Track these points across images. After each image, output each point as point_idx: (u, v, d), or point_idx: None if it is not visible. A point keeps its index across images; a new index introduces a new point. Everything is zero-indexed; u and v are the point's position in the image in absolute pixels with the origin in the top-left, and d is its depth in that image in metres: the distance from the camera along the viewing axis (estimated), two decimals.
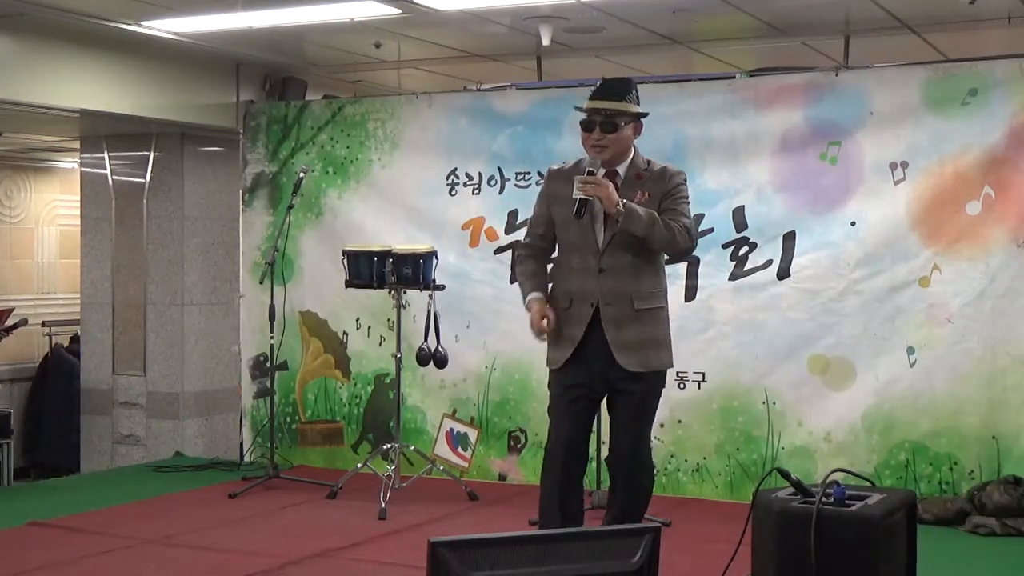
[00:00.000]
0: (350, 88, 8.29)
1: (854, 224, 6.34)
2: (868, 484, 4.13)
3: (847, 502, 3.76)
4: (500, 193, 7.13)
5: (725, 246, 6.60)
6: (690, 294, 6.62)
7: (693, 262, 6.55)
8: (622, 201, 4.38)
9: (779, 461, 6.33)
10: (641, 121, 4.58)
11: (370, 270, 6.46)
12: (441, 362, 6.54)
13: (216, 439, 8.23)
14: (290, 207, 6.98)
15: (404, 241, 6.88)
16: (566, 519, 4.50)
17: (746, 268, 6.56)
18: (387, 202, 7.41)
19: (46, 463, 9.63)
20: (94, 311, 8.43)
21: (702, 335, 6.60)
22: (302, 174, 7.05)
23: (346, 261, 6.58)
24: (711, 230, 6.60)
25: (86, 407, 8.45)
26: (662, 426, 6.53)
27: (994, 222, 6.07)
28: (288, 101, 7.83)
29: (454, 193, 7.26)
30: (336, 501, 6.52)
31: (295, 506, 6.44)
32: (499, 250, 7.07)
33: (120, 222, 8.33)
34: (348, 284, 6.60)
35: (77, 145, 8.83)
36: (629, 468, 4.56)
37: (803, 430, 6.44)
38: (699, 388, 6.62)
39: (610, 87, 4.55)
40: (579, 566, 2.87)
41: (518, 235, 6.73)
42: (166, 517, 6.19)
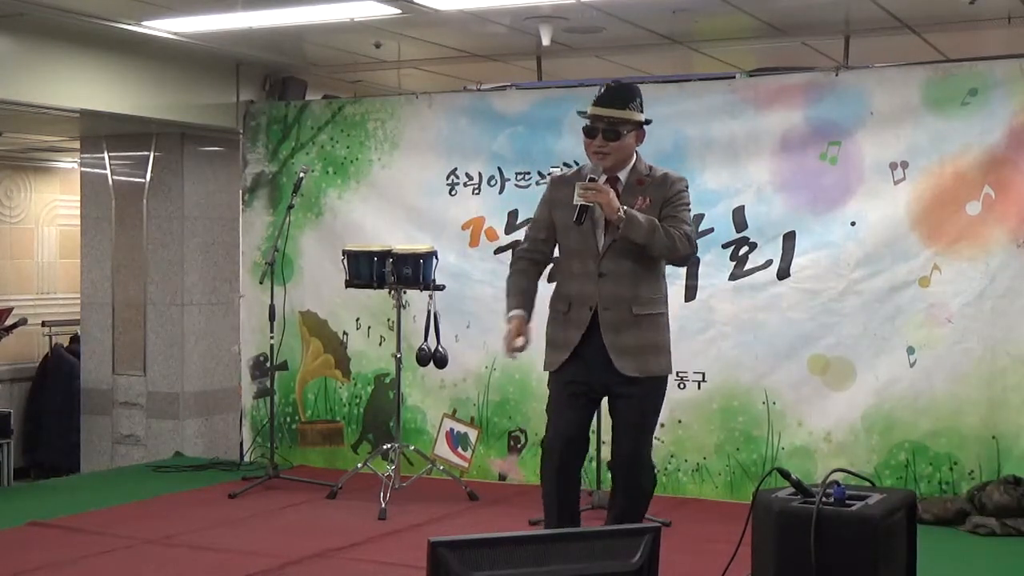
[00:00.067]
0: (350, 88, 8.28)
1: (854, 224, 6.34)
2: (868, 484, 4.13)
3: (847, 502, 3.76)
4: (500, 193, 7.13)
5: (725, 246, 6.60)
6: (690, 294, 6.63)
7: (693, 262, 6.54)
8: (622, 208, 4.38)
9: (779, 461, 6.33)
10: (644, 128, 4.58)
11: (370, 270, 6.46)
12: (441, 362, 6.54)
13: (216, 439, 8.23)
14: (290, 207, 6.98)
15: (404, 241, 6.88)
16: (563, 510, 4.49)
17: (746, 268, 6.56)
18: (387, 202, 7.41)
19: (46, 463, 9.63)
20: (94, 311, 8.43)
21: (702, 335, 6.60)
22: (302, 174, 7.05)
23: (346, 261, 6.58)
24: (711, 230, 6.60)
25: (86, 407, 8.45)
26: (662, 426, 6.51)
27: (994, 222, 6.07)
28: (288, 101, 7.83)
29: (454, 193, 7.26)
30: (336, 501, 6.52)
31: (295, 506, 6.44)
32: (499, 250, 7.07)
33: (120, 222, 8.33)
34: (348, 284, 6.60)
35: (77, 145, 8.83)
36: (629, 471, 4.56)
37: (803, 430, 6.44)
38: (699, 388, 6.63)
39: (614, 94, 4.53)
40: (579, 566, 2.87)
41: (518, 235, 6.74)
42: (166, 517, 6.19)
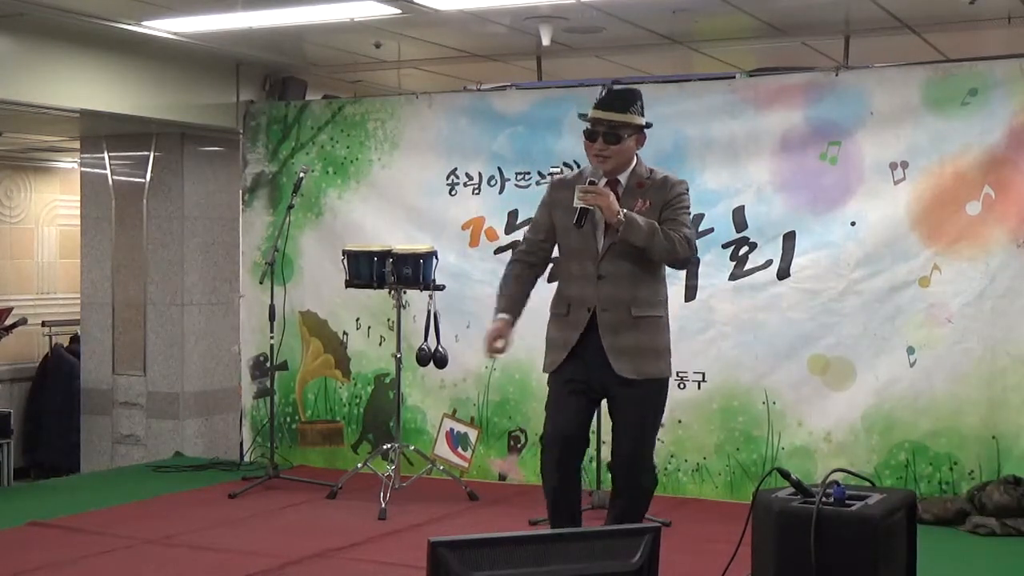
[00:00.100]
0: (350, 88, 8.28)
1: (854, 224, 6.34)
2: (868, 484, 4.13)
3: (847, 502, 3.76)
4: (500, 193, 7.13)
5: (725, 246, 6.60)
6: (690, 294, 6.62)
7: (693, 262, 6.55)
8: (622, 211, 4.39)
9: (779, 461, 6.33)
10: (645, 132, 4.58)
11: (370, 270, 6.46)
12: (441, 362, 6.54)
13: (216, 439, 8.23)
14: (290, 207, 6.98)
15: (404, 241, 6.88)
16: (563, 506, 4.51)
17: (746, 268, 6.56)
18: (387, 202, 7.41)
19: (46, 463, 9.63)
20: (94, 311, 8.43)
21: (702, 335, 6.60)
22: (302, 174, 7.05)
23: (346, 261, 6.58)
24: (711, 230, 6.60)
25: (86, 407, 8.45)
26: (662, 426, 6.50)
27: (994, 222, 6.07)
28: (288, 101, 7.83)
29: (454, 193, 7.26)
30: (336, 501, 6.52)
31: (295, 506, 6.44)
32: (499, 250, 7.06)
33: (120, 222, 8.33)
34: (348, 284, 6.60)
35: (77, 145, 8.83)
36: (629, 471, 4.55)
37: (803, 430, 6.44)
38: (699, 388, 6.63)
39: (615, 98, 4.53)
40: (579, 566, 2.87)
41: (518, 235, 6.73)
42: (166, 517, 6.18)
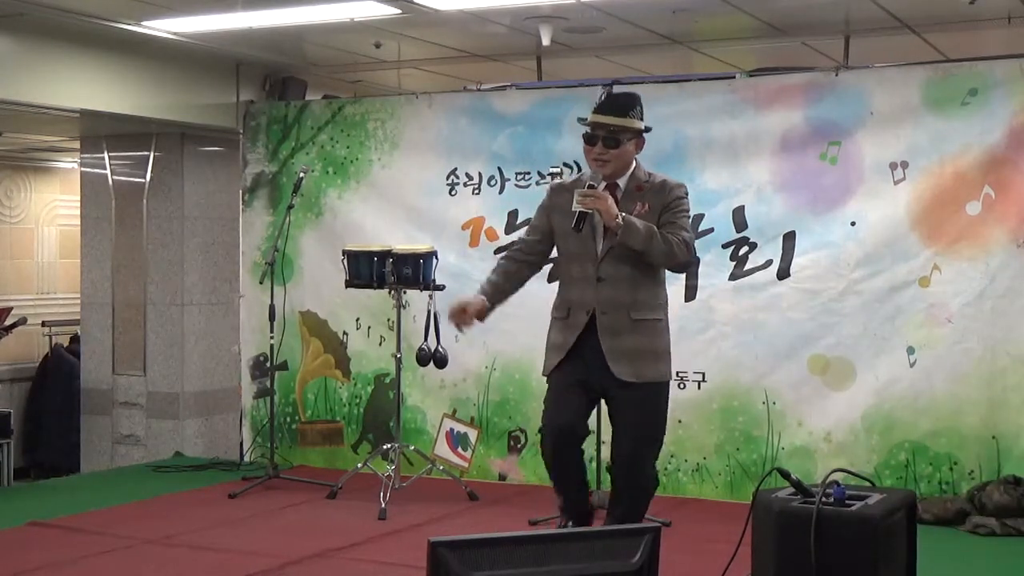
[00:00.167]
0: (350, 88, 8.28)
1: (854, 224, 6.34)
2: (868, 484, 4.13)
3: (847, 502, 3.76)
4: (500, 193, 7.13)
5: (725, 246, 6.60)
6: (690, 294, 6.62)
7: (692, 264, 6.54)
8: (621, 214, 4.40)
9: (779, 461, 6.33)
10: (644, 136, 4.59)
11: (370, 270, 6.46)
12: (441, 362, 6.53)
13: (216, 439, 8.22)
14: (290, 207, 6.98)
15: (404, 241, 6.88)
16: (568, 486, 4.57)
17: (746, 268, 6.56)
18: (387, 202, 7.41)
19: (46, 463, 9.63)
20: (94, 311, 8.43)
21: (702, 335, 6.60)
22: (302, 174, 7.04)
23: (346, 261, 6.58)
24: (711, 230, 6.60)
25: (86, 407, 8.45)
26: None
27: (994, 222, 6.07)
28: (288, 101, 7.83)
29: (454, 193, 7.26)
30: (336, 501, 6.52)
31: (295, 506, 6.44)
32: (499, 250, 7.04)
33: (120, 222, 8.33)
34: (348, 284, 6.60)
35: (77, 145, 8.82)
36: (629, 473, 4.56)
37: (803, 430, 6.44)
38: (699, 388, 6.62)
39: (614, 102, 4.54)
40: (579, 566, 2.88)
41: (518, 235, 6.71)
42: (166, 517, 6.18)
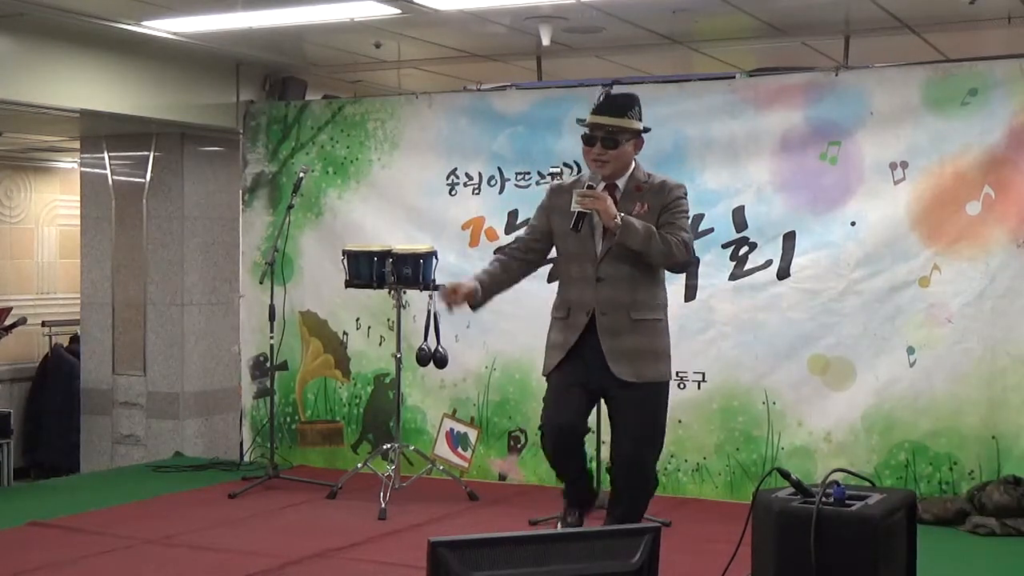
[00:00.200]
0: (350, 88, 8.28)
1: (854, 224, 6.33)
2: (868, 484, 4.13)
3: (847, 502, 3.76)
4: (500, 193, 7.13)
5: (725, 246, 6.60)
6: (690, 294, 6.62)
7: (692, 264, 6.54)
8: (619, 214, 4.40)
9: (779, 461, 6.33)
10: (642, 137, 4.59)
11: (370, 270, 6.46)
12: (441, 362, 6.53)
13: (216, 439, 8.22)
14: (290, 207, 6.98)
15: (404, 241, 6.88)
16: (570, 475, 4.62)
17: (746, 268, 6.56)
18: (387, 202, 7.41)
19: (46, 463, 9.63)
20: (94, 311, 8.43)
21: (702, 335, 6.60)
22: (302, 174, 7.04)
23: (346, 261, 6.58)
24: (711, 230, 6.60)
25: (86, 407, 8.45)
26: None
27: (994, 222, 6.07)
28: (288, 101, 7.83)
29: (454, 193, 7.26)
30: (336, 501, 6.51)
31: (295, 506, 6.44)
32: (498, 250, 7.05)
33: (120, 222, 8.33)
34: (348, 284, 6.60)
35: (77, 145, 8.82)
36: (629, 474, 4.56)
37: (803, 430, 6.44)
38: (699, 388, 6.62)
39: (613, 103, 4.55)
40: (579, 566, 2.87)
41: (517, 235, 6.72)
42: (166, 517, 6.18)
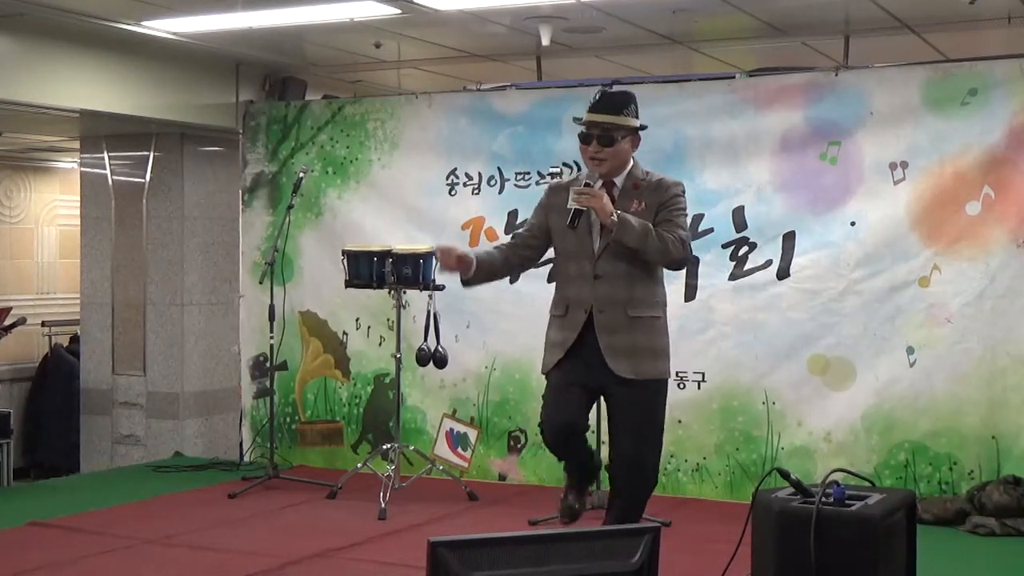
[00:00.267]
0: (350, 88, 8.28)
1: (854, 224, 6.34)
2: (868, 484, 4.13)
3: (847, 502, 3.76)
4: (500, 193, 7.13)
5: (725, 246, 6.60)
6: (690, 294, 6.62)
7: (693, 262, 6.54)
8: (616, 212, 4.40)
9: (779, 461, 6.33)
10: (639, 134, 4.59)
11: (370, 270, 6.46)
12: (441, 362, 6.53)
13: (216, 439, 8.22)
14: (290, 207, 6.98)
15: (404, 241, 6.88)
16: (571, 465, 4.67)
17: (746, 268, 6.56)
18: (387, 202, 7.41)
19: (46, 463, 9.63)
20: (94, 311, 8.43)
21: (702, 335, 6.60)
22: (302, 174, 7.05)
23: (346, 261, 6.58)
24: (711, 230, 6.60)
25: (86, 407, 8.45)
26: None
27: (994, 222, 6.07)
28: (288, 101, 7.83)
29: (454, 193, 7.26)
30: (336, 501, 6.52)
31: (295, 506, 6.44)
32: (497, 246, 7.05)
33: (120, 222, 8.33)
34: (348, 284, 6.60)
35: (77, 145, 8.82)
36: (628, 473, 4.55)
37: (803, 430, 6.44)
38: (699, 388, 6.62)
39: (609, 101, 4.55)
40: (579, 566, 2.87)
41: (516, 232, 6.74)
42: (166, 517, 6.18)
